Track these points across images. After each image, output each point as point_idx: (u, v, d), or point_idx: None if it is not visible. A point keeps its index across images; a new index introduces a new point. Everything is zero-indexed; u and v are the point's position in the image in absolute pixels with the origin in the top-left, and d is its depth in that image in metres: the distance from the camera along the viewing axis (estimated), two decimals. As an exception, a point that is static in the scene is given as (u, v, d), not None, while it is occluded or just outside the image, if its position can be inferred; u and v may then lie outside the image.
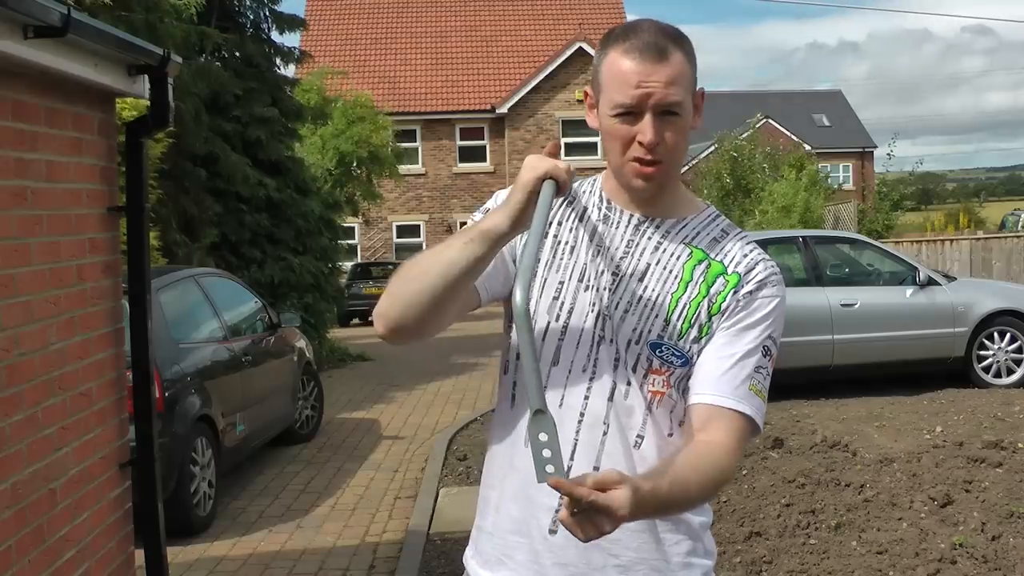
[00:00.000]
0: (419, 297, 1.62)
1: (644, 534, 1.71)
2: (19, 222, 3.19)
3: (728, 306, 1.70)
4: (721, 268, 1.73)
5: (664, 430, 1.71)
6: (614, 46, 1.67)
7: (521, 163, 1.69)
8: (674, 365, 1.69)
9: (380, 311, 1.68)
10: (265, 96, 13.90)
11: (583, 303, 1.72)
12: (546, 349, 1.72)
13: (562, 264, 1.75)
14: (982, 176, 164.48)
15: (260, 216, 13.59)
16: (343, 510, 6.72)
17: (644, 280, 1.72)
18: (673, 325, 1.69)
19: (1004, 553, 5.00)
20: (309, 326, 13.02)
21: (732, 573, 4.96)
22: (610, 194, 1.79)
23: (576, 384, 1.70)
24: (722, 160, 28.84)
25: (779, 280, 1.75)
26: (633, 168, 1.68)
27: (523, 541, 1.73)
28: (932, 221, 34.74)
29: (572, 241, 1.76)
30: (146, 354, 4.02)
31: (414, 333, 1.68)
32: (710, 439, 1.65)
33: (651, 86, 1.62)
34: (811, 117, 47.57)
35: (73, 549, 3.46)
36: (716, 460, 1.63)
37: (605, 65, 1.68)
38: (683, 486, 1.57)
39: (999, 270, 17.56)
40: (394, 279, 1.69)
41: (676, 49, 1.65)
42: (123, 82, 3.71)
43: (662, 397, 1.70)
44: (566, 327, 1.72)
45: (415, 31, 33.36)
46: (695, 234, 1.76)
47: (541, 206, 1.56)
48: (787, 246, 10.90)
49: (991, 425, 7.82)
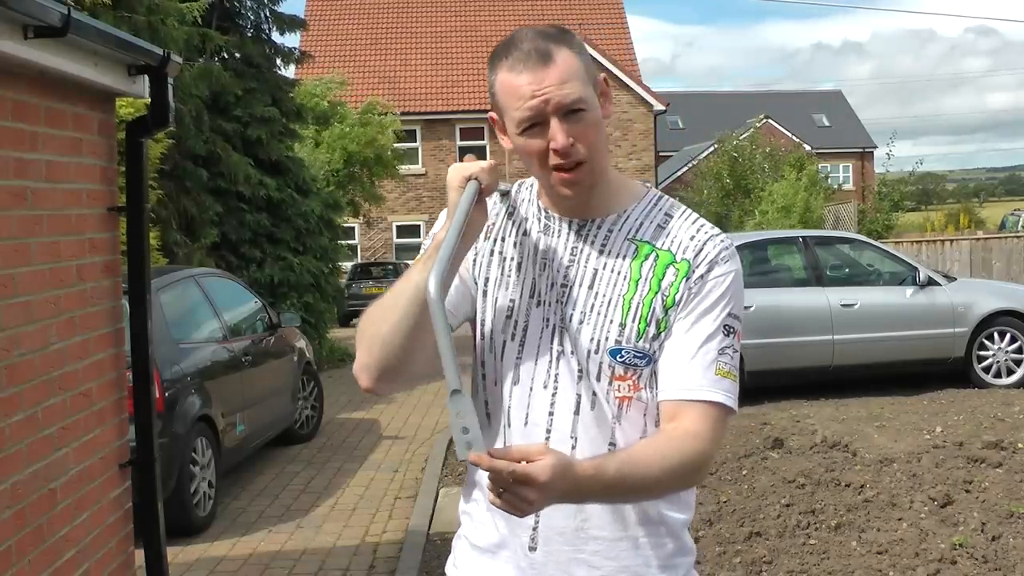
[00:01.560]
0: (397, 331, 1.60)
1: (623, 542, 1.68)
2: (19, 222, 3.19)
3: (681, 296, 1.67)
4: (670, 257, 1.69)
5: (635, 435, 1.68)
6: (500, 64, 1.64)
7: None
8: (639, 367, 1.66)
9: (360, 364, 1.66)
10: (265, 96, 13.92)
11: (537, 319, 1.70)
12: (505, 369, 1.71)
13: (510, 281, 1.73)
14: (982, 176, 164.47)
15: (260, 216, 13.60)
16: (343, 510, 6.72)
17: (593, 287, 1.69)
18: (629, 328, 1.66)
19: (1004, 553, 5.00)
20: (309, 326, 13.03)
21: (732, 573, 4.96)
22: (546, 204, 1.75)
23: (539, 402, 1.68)
24: (722, 160, 28.87)
25: (731, 255, 1.70)
26: (557, 178, 1.64)
27: (503, 553, 1.72)
28: (932, 221, 34.72)
29: (517, 256, 1.74)
30: (146, 354, 4.02)
31: (401, 373, 1.65)
32: (677, 425, 1.63)
33: (545, 91, 1.60)
34: (811, 117, 47.61)
35: (73, 549, 3.46)
36: (681, 445, 1.60)
37: (498, 86, 1.65)
38: (638, 467, 1.55)
39: (999, 270, 17.56)
40: (361, 331, 1.66)
41: (559, 47, 1.63)
42: (123, 82, 3.72)
43: (631, 401, 1.67)
44: (523, 345, 1.70)
45: (415, 31, 33.36)
46: (638, 225, 1.72)
47: (462, 202, 1.57)
48: (787, 246, 10.90)
49: (991, 425, 7.82)
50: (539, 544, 1.68)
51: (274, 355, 8.37)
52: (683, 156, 39.35)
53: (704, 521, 5.66)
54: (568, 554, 1.67)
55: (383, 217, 29.87)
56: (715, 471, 6.69)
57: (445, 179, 1.66)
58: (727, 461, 6.88)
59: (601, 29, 32.48)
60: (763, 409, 8.91)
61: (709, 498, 6.06)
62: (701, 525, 5.60)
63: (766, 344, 9.35)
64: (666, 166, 38.27)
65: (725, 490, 6.21)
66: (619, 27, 33.48)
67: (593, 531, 1.67)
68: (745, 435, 7.66)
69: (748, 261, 10.12)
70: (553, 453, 1.44)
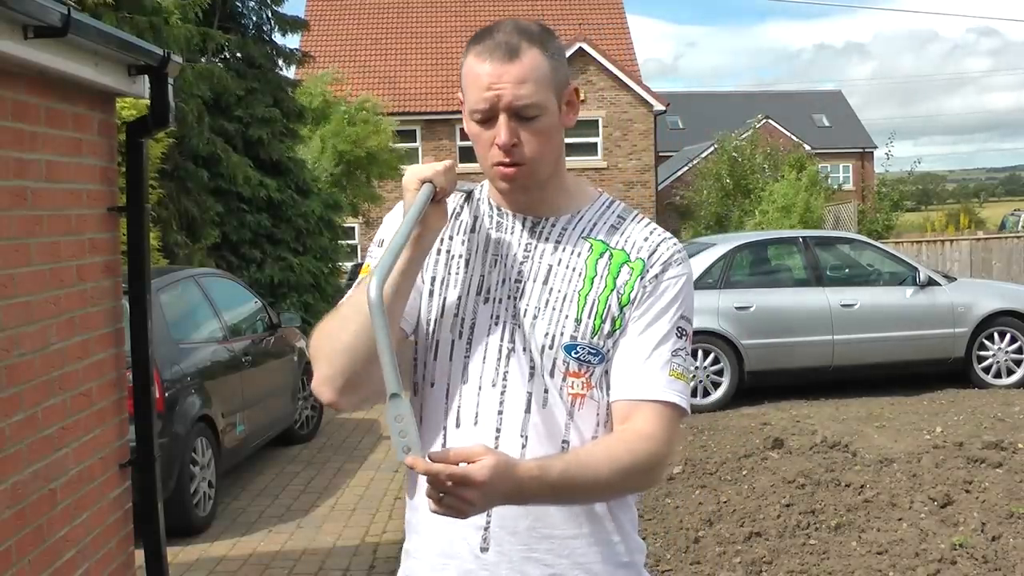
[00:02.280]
0: (357, 339, 1.58)
1: (576, 539, 1.67)
2: (19, 222, 3.19)
3: (636, 295, 1.66)
4: (624, 256, 1.69)
5: (588, 433, 1.66)
6: (471, 49, 1.64)
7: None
8: (592, 364, 1.65)
9: (321, 377, 1.62)
10: (267, 97, 13.93)
11: (484, 316, 1.68)
12: (454, 368, 1.68)
13: (458, 279, 1.71)
14: (982, 176, 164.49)
15: (261, 216, 13.61)
16: (343, 510, 6.72)
17: (548, 282, 1.67)
18: (585, 323, 1.65)
19: (1004, 553, 5.00)
20: (309, 326, 13.00)
21: (732, 573, 4.96)
22: (498, 201, 1.74)
23: (488, 400, 1.66)
24: (721, 161, 28.86)
25: (683, 258, 1.71)
26: (495, 171, 1.64)
27: (451, 562, 1.68)
28: (932, 221, 34.73)
29: (465, 253, 1.72)
30: (146, 354, 4.02)
31: (364, 385, 1.62)
32: (629, 427, 1.63)
33: (501, 87, 1.59)
34: (811, 117, 47.63)
35: (73, 549, 3.46)
36: (632, 446, 1.59)
37: (464, 70, 1.65)
38: (586, 469, 1.54)
39: (999, 270, 17.56)
40: (317, 346, 1.64)
41: (531, 46, 1.60)
42: (123, 82, 3.72)
43: (583, 399, 1.66)
44: (470, 342, 1.68)
45: (415, 31, 33.37)
46: (592, 226, 1.71)
47: (415, 204, 1.56)
48: (787, 246, 10.89)
49: (991, 425, 7.82)
50: (491, 544, 1.65)
51: (274, 355, 8.37)
52: (683, 156, 39.34)
53: (704, 521, 5.66)
54: (521, 553, 1.65)
55: (383, 217, 29.89)
56: (715, 471, 6.69)
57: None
58: (727, 461, 6.88)
59: (601, 29, 32.46)
60: (763, 409, 8.92)
61: (709, 498, 6.06)
62: (701, 525, 5.60)
63: (766, 344, 9.36)
64: (666, 166, 38.26)
65: (725, 490, 6.21)
66: (619, 27, 33.46)
67: (545, 529, 1.65)
68: (745, 435, 7.67)
69: (748, 261, 10.14)
70: (493, 453, 1.43)
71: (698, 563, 5.08)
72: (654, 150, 31.10)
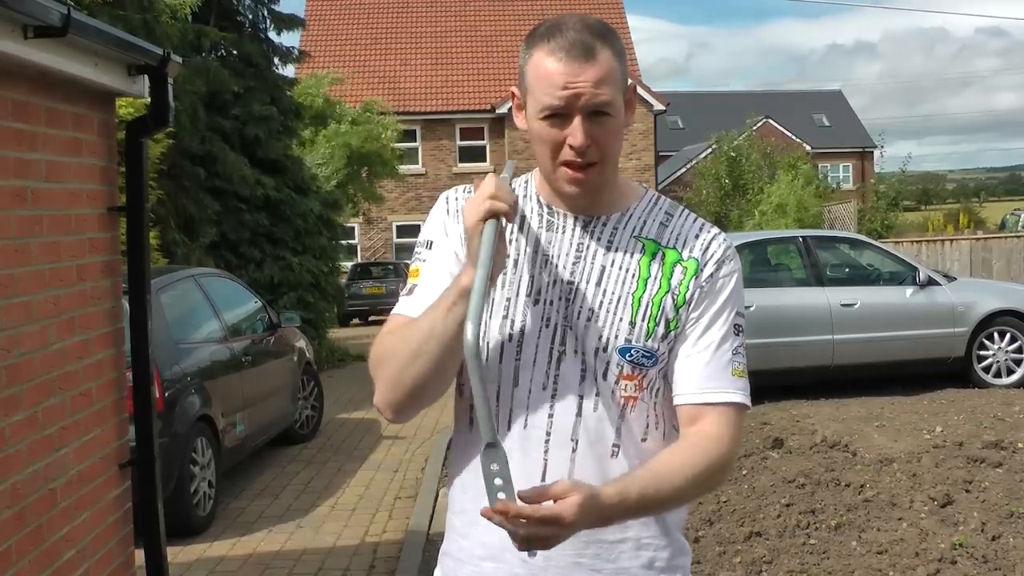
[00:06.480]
0: (423, 376, 1.60)
1: (623, 544, 1.66)
2: (19, 222, 3.19)
3: (692, 295, 1.66)
4: (676, 256, 1.68)
5: (638, 436, 1.66)
6: (539, 45, 1.60)
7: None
8: (645, 367, 1.64)
9: (386, 402, 1.65)
10: (264, 95, 13.91)
11: (534, 318, 1.65)
12: (504, 371, 1.65)
13: (507, 280, 1.67)
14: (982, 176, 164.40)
15: (259, 215, 13.60)
16: (343, 510, 6.72)
17: (602, 284, 1.65)
18: (639, 326, 1.64)
19: (1004, 553, 5.00)
20: (309, 326, 13.02)
21: (732, 573, 4.95)
22: (548, 199, 1.71)
23: (539, 404, 1.64)
24: (720, 161, 28.88)
25: (733, 254, 1.71)
26: (564, 174, 1.61)
27: (498, 567, 1.67)
28: (932, 221, 34.74)
29: (513, 253, 1.68)
30: (146, 354, 4.02)
31: (426, 403, 1.67)
32: (699, 431, 1.63)
33: (579, 87, 1.56)
34: (811, 117, 47.66)
35: (73, 549, 3.46)
36: (706, 452, 1.61)
37: (531, 66, 1.60)
38: (663, 483, 1.55)
39: (999, 270, 17.56)
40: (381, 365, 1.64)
41: (604, 46, 1.58)
42: (123, 82, 3.71)
43: (635, 402, 1.65)
44: (520, 345, 1.65)
45: (415, 31, 33.37)
46: (642, 224, 1.70)
47: (485, 245, 1.52)
48: (787, 246, 10.90)
49: (991, 425, 7.82)
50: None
51: (274, 355, 8.37)
52: (683, 156, 39.35)
53: (704, 521, 5.65)
54: (569, 558, 1.64)
55: (383, 217, 29.88)
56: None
57: (447, 179, 1.65)
58: (727, 461, 6.88)
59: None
60: (763, 409, 8.91)
61: (709, 498, 6.05)
62: (701, 525, 5.60)
63: (766, 344, 9.34)
64: (666, 166, 38.27)
65: (725, 490, 6.20)
66: (619, 27, 33.44)
67: (594, 534, 1.64)
68: (745, 435, 7.66)
69: (748, 261, 10.13)
70: (578, 489, 1.44)
71: (698, 563, 5.08)
72: (654, 150, 31.13)
